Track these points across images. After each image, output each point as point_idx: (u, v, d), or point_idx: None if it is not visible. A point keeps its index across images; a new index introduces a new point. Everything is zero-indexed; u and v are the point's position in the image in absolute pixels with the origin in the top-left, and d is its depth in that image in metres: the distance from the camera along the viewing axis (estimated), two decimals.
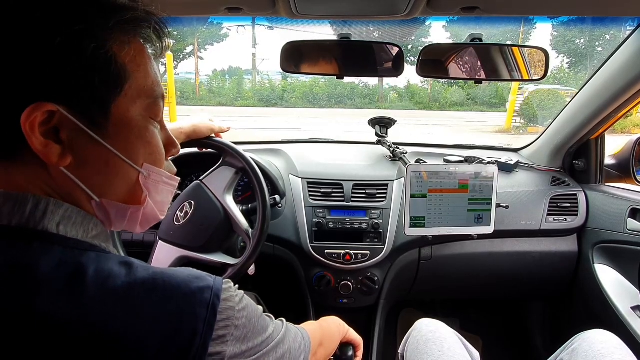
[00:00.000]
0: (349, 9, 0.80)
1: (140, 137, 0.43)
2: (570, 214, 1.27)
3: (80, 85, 0.37)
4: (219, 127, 0.94)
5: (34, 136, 0.35)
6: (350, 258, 1.14)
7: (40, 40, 0.34)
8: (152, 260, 0.92)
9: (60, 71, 0.35)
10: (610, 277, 1.18)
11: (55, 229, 0.37)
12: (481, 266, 1.29)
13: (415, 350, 0.86)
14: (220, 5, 0.78)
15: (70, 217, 0.38)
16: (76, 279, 0.34)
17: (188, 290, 0.37)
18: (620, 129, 6.60)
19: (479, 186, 1.14)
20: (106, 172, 0.41)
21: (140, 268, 0.37)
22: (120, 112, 0.40)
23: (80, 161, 0.39)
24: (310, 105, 13.63)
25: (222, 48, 18.30)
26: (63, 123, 0.37)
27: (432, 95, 14.14)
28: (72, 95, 0.37)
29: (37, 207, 0.36)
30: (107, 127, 0.39)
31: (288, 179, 1.25)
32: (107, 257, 0.37)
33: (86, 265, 0.35)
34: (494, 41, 3.34)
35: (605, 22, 10.08)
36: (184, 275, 0.38)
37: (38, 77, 0.35)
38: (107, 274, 0.35)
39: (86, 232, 0.39)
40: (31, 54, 0.34)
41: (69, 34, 0.35)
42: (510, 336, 1.61)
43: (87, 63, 0.36)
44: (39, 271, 0.33)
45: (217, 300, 0.37)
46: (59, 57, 0.35)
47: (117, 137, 0.40)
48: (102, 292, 0.34)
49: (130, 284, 0.35)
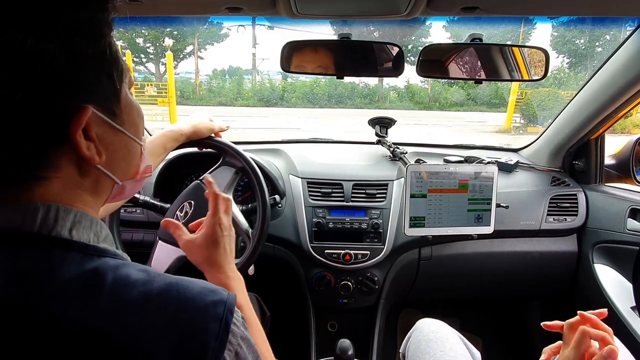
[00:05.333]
0: (349, 8, 0.80)
1: (138, 112, 0.45)
2: (570, 214, 1.27)
3: (105, 83, 0.39)
4: (218, 126, 0.94)
5: (82, 142, 0.37)
6: (350, 258, 1.14)
7: (69, 52, 0.35)
8: (152, 260, 0.92)
9: (90, 74, 0.37)
10: (610, 277, 1.18)
11: (68, 234, 0.37)
12: (481, 266, 1.29)
13: (416, 350, 0.86)
14: (220, 5, 0.78)
15: (80, 221, 0.38)
16: (94, 286, 0.34)
17: (202, 303, 0.36)
18: (620, 129, 6.61)
19: (478, 186, 1.14)
20: (126, 156, 0.44)
21: (157, 277, 0.37)
22: (124, 97, 0.42)
23: (109, 153, 0.40)
24: (310, 105, 13.64)
25: (222, 48, 18.37)
26: (91, 121, 0.37)
27: (432, 95, 14.16)
28: (99, 93, 0.38)
29: (48, 215, 0.36)
30: (120, 115, 0.41)
31: (288, 179, 1.25)
32: (124, 265, 0.37)
33: (105, 272, 0.35)
34: (494, 41, 3.34)
35: (605, 22, 10.08)
36: (199, 288, 0.38)
37: (75, 84, 0.36)
38: (125, 282, 0.35)
39: (96, 235, 0.39)
40: (66, 68, 0.35)
41: (91, 40, 0.36)
42: (510, 336, 1.62)
43: (107, 60, 0.38)
44: (59, 278, 0.33)
45: (230, 315, 0.37)
46: (89, 63, 0.36)
47: (128, 120, 0.43)
48: (119, 301, 0.34)
49: (146, 294, 0.35)
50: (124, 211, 1.16)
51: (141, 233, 1.19)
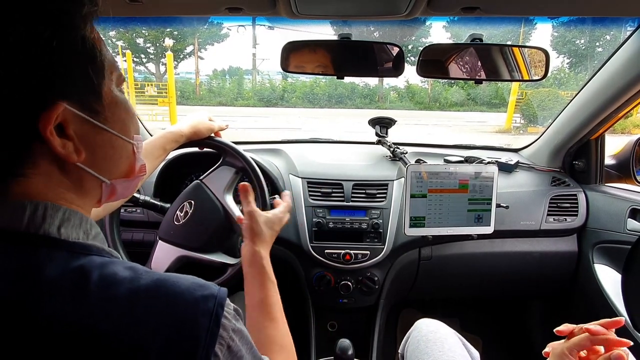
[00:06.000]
0: (349, 9, 0.80)
1: (126, 110, 0.44)
2: (570, 214, 1.27)
3: (78, 78, 0.37)
4: (218, 125, 0.94)
5: (54, 139, 0.35)
6: (350, 258, 1.14)
7: (34, 41, 0.33)
8: (152, 260, 0.92)
9: (60, 69, 0.35)
10: (610, 277, 1.18)
11: (57, 232, 0.37)
12: (481, 266, 1.29)
13: (415, 350, 0.86)
14: (220, 5, 0.78)
15: (69, 219, 0.38)
16: (81, 284, 0.34)
17: (191, 298, 0.36)
18: (620, 129, 6.61)
19: (478, 186, 1.14)
20: (112, 155, 0.43)
21: (144, 274, 0.36)
22: (107, 94, 0.40)
23: (90, 151, 0.39)
24: (310, 105, 13.65)
25: (222, 48, 18.37)
26: (67, 118, 0.36)
27: (432, 95, 14.16)
28: (72, 89, 0.37)
29: (36, 213, 0.36)
30: (103, 112, 0.40)
31: (288, 178, 1.25)
32: (111, 262, 0.37)
33: (91, 270, 0.35)
34: (494, 41, 3.33)
35: (605, 22, 10.08)
36: (188, 283, 0.37)
37: (44, 80, 0.34)
38: (111, 279, 0.35)
39: (86, 233, 0.39)
40: (31, 58, 0.33)
41: (58, 30, 0.34)
42: (510, 336, 1.62)
43: (80, 55, 0.37)
44: (46, 275, 0.33)
45: (221, 309, 0.37)
46: (57, 55, 0.35)
47: (112, 118, 0.41)
48: (106, 298, 0.34)
49: (134, 290, 0.35)
50: (124, 211, 1.16)
51: (141, 233, 1.19)
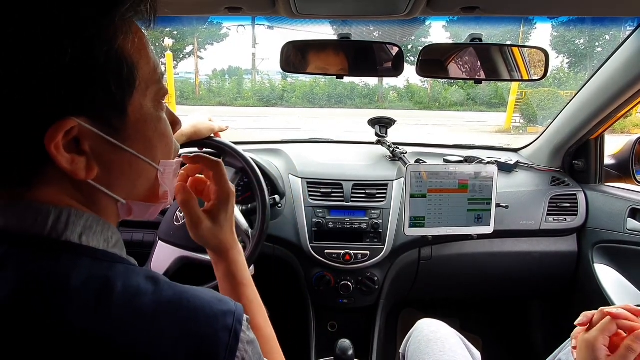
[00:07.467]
0: (349, 8, 0.80)
1: (156, 130, 0.41)
2: (570, 214, 1.27)
3: (97, 94, 0.35)
4: (218, 126, 0.94)
5: (60, 155, 0.34)
6: (350, 258, 1.14)
7: (51, 54, 0.31)
8: (152, 260, 0.92)
9: (75, 84, 0.33)
10: (610, 277, 1.18)
11: (78, 239, 0.36)
12: (481, 266, 1.29)
13: (416, 350, 0.86)
14: (220, 5, 0.78)
15: (91, 226, 0.38)
16: (105, 294, 0.33)
17: (211, 312, 0.36)
18: (620, 129, 6.61)
19: (478, 186, 1.14)
20: (129, 175, 0.40)
21: (165, 285, 0.36)
22: (136, 111, 0.38)
23: (105, 169, 0.38)
24: (310, 105, 13.63)
25: (222, 48, 18.32)
26: (83, 134, 0.35)
27: (432, 95, 14.15)
28: (89, 105, 0.35)
29: (59, 219, 0.35)
30: (125, 129, 0.38)
31: (288, 179, 1.25)
32: (134, 271, 0.36)
33: (114, 279, 0.34)
34: (494, 41, 3.34)
35: (605, 22, 10.10)
36: (208, 297, 0.37)
37: (55, 94, 0.32)
38: (135, 290, 0.34)
39: (107, 241, 0.39)
40: (44, 72, 0.31)
41: (78, 44, 0.32)
42: (510, 336, 1.61)
43: (101, 69, 0.34)
44: (69, 284, 0.33)
45: (240, 325, 0.37)
46: (73, 70, 0.32)
47: (136, 137, 0.39)
48: (130, 310, 0.33)
49: (157, 302, 0.34)
50: None
51: (141, 233, 1.19)
